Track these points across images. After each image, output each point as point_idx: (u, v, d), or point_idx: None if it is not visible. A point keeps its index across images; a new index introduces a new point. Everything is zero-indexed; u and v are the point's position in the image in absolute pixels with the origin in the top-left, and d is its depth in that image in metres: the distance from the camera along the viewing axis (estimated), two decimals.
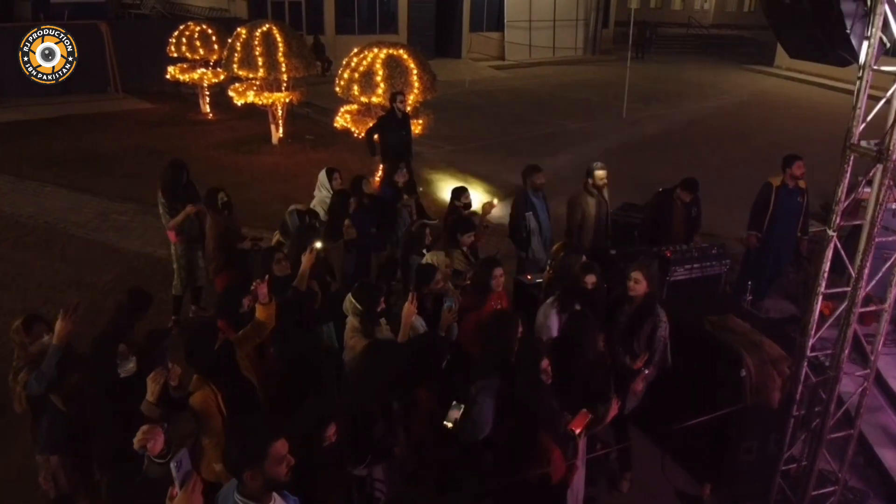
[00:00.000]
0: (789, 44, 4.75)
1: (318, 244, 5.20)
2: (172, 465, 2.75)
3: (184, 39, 16.08)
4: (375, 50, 11.45)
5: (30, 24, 18.60)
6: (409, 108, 10.80)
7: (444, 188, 11.85)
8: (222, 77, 15.64)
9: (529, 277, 6.22)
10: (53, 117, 15.83)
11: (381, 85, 11.10)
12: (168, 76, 16.62)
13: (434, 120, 12.19)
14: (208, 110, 17.06)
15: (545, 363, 3.97)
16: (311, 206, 7.23)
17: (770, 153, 14.35)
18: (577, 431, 3.88)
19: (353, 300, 4.51)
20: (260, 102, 13.98)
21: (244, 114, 15.29)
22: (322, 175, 7.39)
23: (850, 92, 4.16)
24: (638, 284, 4.92)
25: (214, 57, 15.94)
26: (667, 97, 21.71)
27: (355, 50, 11.88)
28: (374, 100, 11.30)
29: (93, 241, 9.69)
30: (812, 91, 22.68)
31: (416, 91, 11.28)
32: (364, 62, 11.37)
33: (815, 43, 4.42)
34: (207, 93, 16.92)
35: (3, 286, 8.35)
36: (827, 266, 4.23)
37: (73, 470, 4.23)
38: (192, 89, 17.37)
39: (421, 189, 10.90)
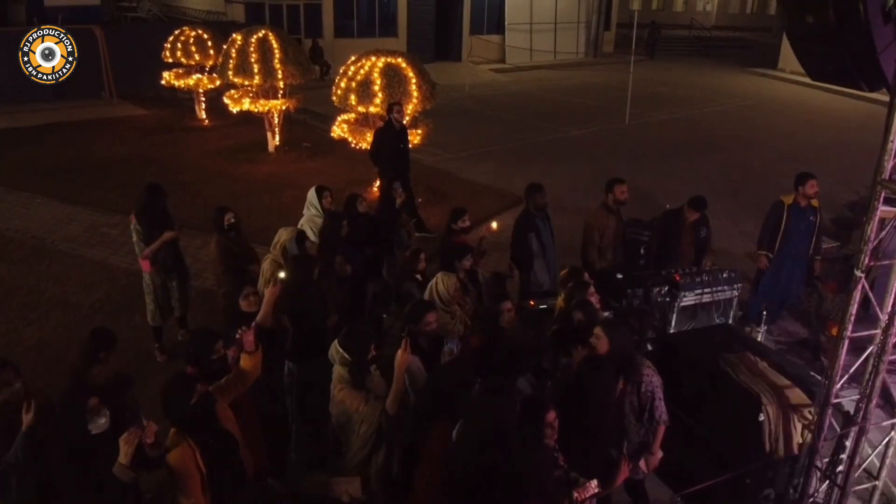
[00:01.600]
0: (811, 64, 4.43)
1: (282, 274, 4.88)
2: None
3: (179, 44, 15.80)
4: (373, 58, 11.14)
5: (24, 29, 18.38)
6: (407, 119, 10.50)
7: (443, 198, 11.58)
8: (218, 83, 15.34)
9: (533, 303, 5.90)
10: (46, 124, 15.55)
11: (379, 94, 10.80)
12: (163, 82, 16.37)
13: (433, 127, 11.90)
14: (204, 116, 16.77)
15: (551, 416, 3.64)
16: (300, 224, 6.95)
17: (778, 162, 14.14)
18: (579, 501, 3.54)
19: (341, 349, 4.17)
20: (256, 110, 13.69)
21: (241, 120, 15.01)
22: (311, 194, 7.06)
23: (857, 96, 3.84)
24: (599, 341, 4.34)
25: (210, 62, 15.65)
26: (670, 101, 21.40)
27: (352, 58, 11.58)
28: (372, 109, 10.99)
29: (81, 257, 9.38)
30: (818, 95, 22.35)
31: (414, 101, 10.97)
32: (361, 71, 11.07)
33: (840, 65, 4.11)
34: (203, 99, 16.65)
35: None
36: (854, 309, 3.92)
37: None
38: (188, 95, 17.09)
39: (420, 200, 10.61)
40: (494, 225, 6.38)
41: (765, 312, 6.60)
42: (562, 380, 4.41)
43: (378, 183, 10.21)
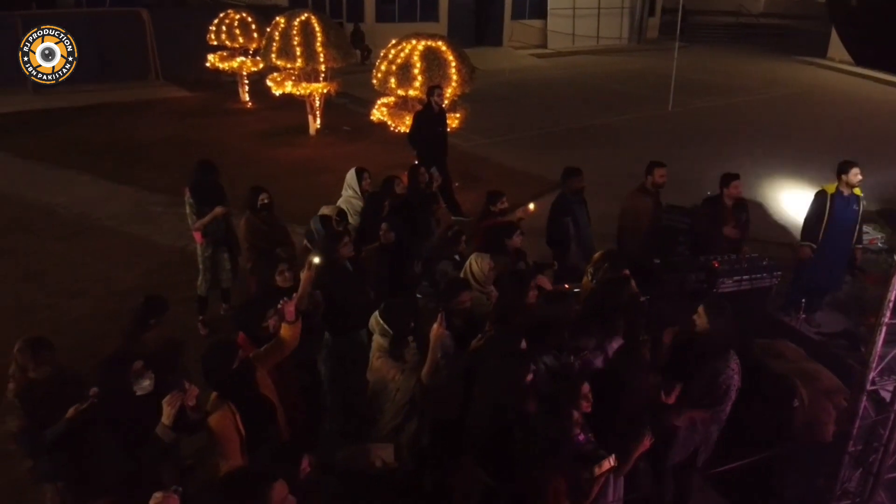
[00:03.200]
0: (855, 50, 4.34)
1: (316, 259, 4.98)
2: None
3: (223, 27, 16.01)
4: (413, 42, 11.18)
5: (72, 12, 18.84)
6: (446, 103, 10.52)
7: (478, 183, 11.59)
8: (261, 66, 15.54)
9: (567, 287, 5.90)
10: (92, 104, 15.92)
11: (419, 78, 10.84)
12: (207, 64, 16.61)
13: (470, 112, 11.90)
14: (247, 99, 16.99)
15: (585, 388, 3.69)
16: (338, 204, 7.05)
17: (822, 151, 13.81)
18: (596, 474, 3.56)
19: (381, 321, 4.29)
20: (298, 93, 13.83)
21: (282, 103, 15.15)
22: (351, 175, 7.15)
23: None
24: (699, 318, 4.48)
25: (254, 45, 15.83)
26: (714, 89, 20.99)
27: (393, 42, 11.63)
28: (412, 93, 11.04)
29: (124, 234, 9.65)
30: (867, 85, 21.61)
31: (453, 84, 10.99)
32: (402, 54, 11.12)
33: (884, 48, 4.01)
34: (246, 81, 16.85)
35: (29, 278, 8.34)
36: (893, 295, 3.86)
37: (79, 492, 4.10)
38: (232, 78, 17.32)
39: (457, 184, 10.63)
40: (532, 206, 6.40)
41: (804, 301, 6.49)
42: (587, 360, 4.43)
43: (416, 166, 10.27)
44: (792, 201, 10.97)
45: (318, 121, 14.55)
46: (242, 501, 2.64)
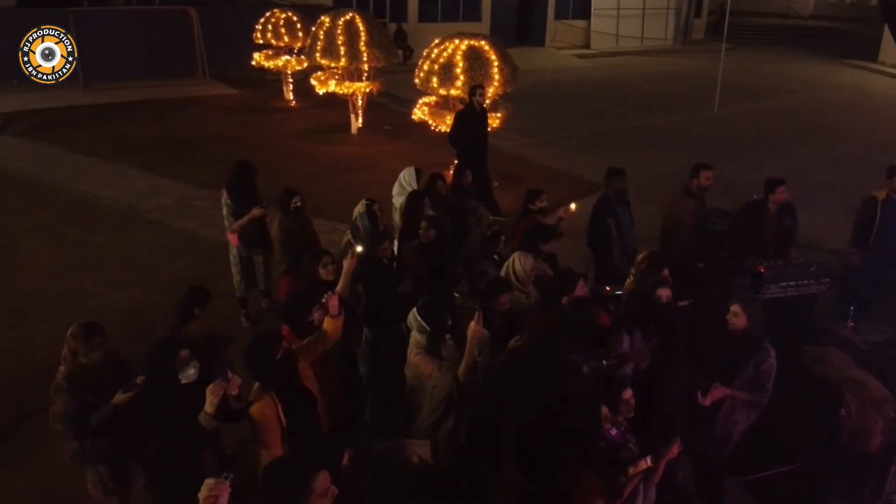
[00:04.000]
0: None
1: (359, 248, 5.02)
2: None
3: (269, 26, 16.24)
4: (456, 41, 11.19)
5: (125, 10, 19.29)
6: (487, 102, 10.50)
7: (518, 183, 11.55)
8: (305, 65, 15.73)
9: (609, 289, 5.83)
10: (140, 100, 16.31)
11: (461, 77, 10.85)
12: (253, 62, 16.87)
13: (512, 112, 11.87)
14: (291, 98, 17.21)
15: (628, 394, 3.66)
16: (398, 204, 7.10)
17: (872, 155, 13.42)
18: (631, 474, 3.53)
19: (419, 317, 4.31)
20: (341, 92, 13.96)
21: (325, 102, 15.31)
22: (409, 174, 7.12)
23: None
24: (737, 318, 4.48)
25: (299, 44, 16.03)
26: (761, 91, 20.61)
27: (436, 41, 11.66)
28: (453, 92, 11.06)
29: (170, 227, 9.84)
30: None
31: (495, 84, 10.97)
32: (444, 54, 11.14)
33: None
34: (291, 80, 17.07)
35: (80, 268, 8.57)
36: None
37: (120, 477, 4.21)
38: (276, 76, 17.57)
39: (496, 184, 10.61)
40: (573, 206, 6.34)
41: (853, 309, 6.32)
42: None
43: (456, 165, 10.28)
44: (841, 207, 10.69)
45: (360, 120, 14.67)
46: (286, 490, 2.67)
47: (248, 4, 20.32)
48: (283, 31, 16.10)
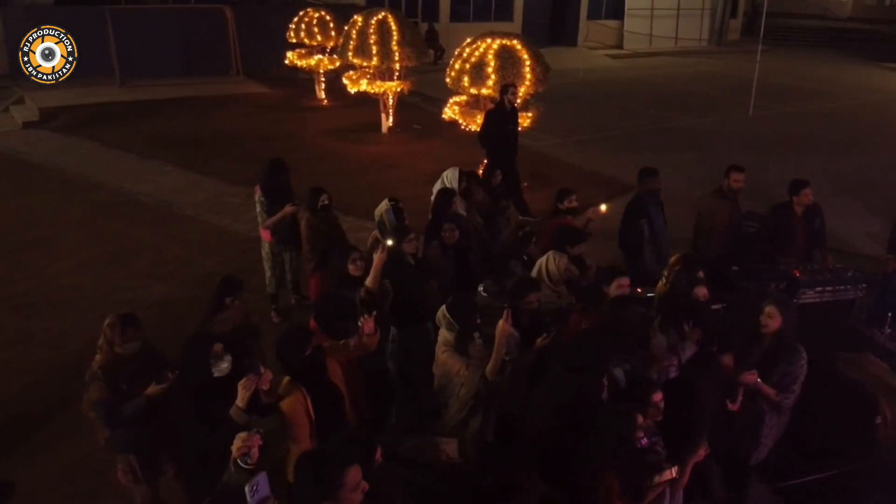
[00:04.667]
0: None
1: (390, 242, 5.04)
2: (247, 488, 2.64)
3: (303, 25, 16.35)
4: (489, 40, 11.18)
5: (161, 8, 19.58)
6: (518, 101, 10.47)
7: (548, 183, 11.52)
8: (337, 64, 15.83)
9: (640, 291, 5.77)
10: (175, 98, 16.51)
11: (492, 76, 10.83)
12: (286, 61, 17.02)
13: (543, 112, 11.82)
14: (323, 97, 17.33)
15: (657, 397, 3.62)
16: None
17: None
18: (656, 482, 3.48)
19: (448, 314, 4.31)
20: (372, 91, 14.03)
21: (357, 101, 15.39)
22: (452, 174, 7.09)
23: None
24: (771, 320, 4.40)
25: (331, 44, 16.12)
26: (797, 94, 20.25)
27: (468, 40, 11.66)
28: (484, 91, 11.04)
29: (205, 222, 9.98)
30: None
31: (527, 83, 10.94)
32: (476, 53, 11.14)
33: None
34: (323, 79, 17.18)
35: (116, 261, 8.73)
36: None
37: (149, 466, 4.28)
38: (309, 75, 17.69)
39: (526, 184, 10.57)
40: (604, 207, 6.28)
41: (890, 316, 6.18)
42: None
43: (485, 165, 10.27)
44: (880, 212, 10.47)
45: (391, 119, 14.72)
46: (317, 481, 2.69)
47: (282, 3, 20.54)
48: (316, 30, 16.22)
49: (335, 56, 15.62)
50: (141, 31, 17.75)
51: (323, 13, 16.38)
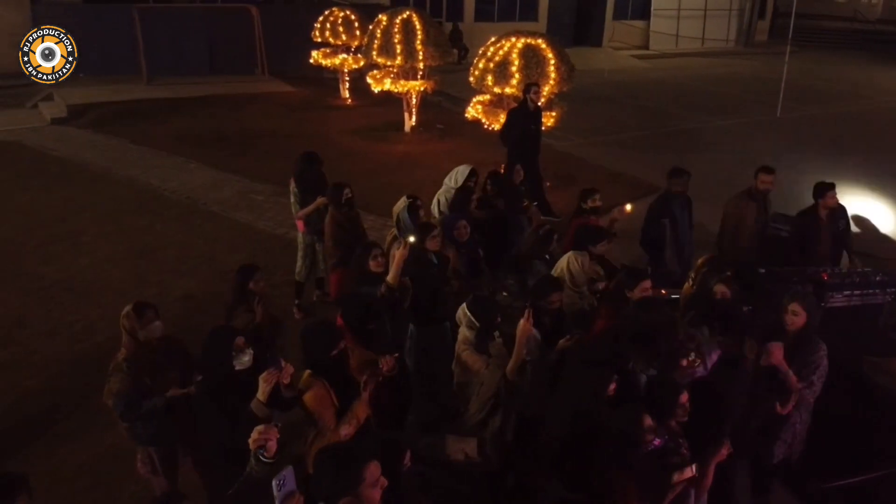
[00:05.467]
0: None
1: (412, 238, 5.03)
2: (274, 482, 2.64)
3: (328, 24, 16.44)
4: (513, 39, 11.15)
5: (188, 7, 19.77)
6: (542, 101, 10.41)
7: (571, 183, 11.45)
8: (361, 63, 15.87)
9: (664, 292, 5.70)
10: (202, 96, 16.64)
11: (516, 75, 10.80)
12: (311, 60, 17.10)
13: (567, 111, 11.75)
14: (347, 96, 17.38)
15: (684, 398, 3.57)
16: (437, 195, 7.11)
17: None
18: (675, 480, 3.42)
19: (469, 313, 4.29)
20: (396, 90, 14.04)
21: (380, 101, 15.44)
22: (462, 170, 7.06)
23: None
24: (797, 317, 4.34)
25: (356, 43, 16.18)
26: (826, 95, 19.95)
27: (492, 39, 11.64)
28: (508, 90, 11.01)
29: (229, 219, 10.05)
30: None
31: (551, 82, 10.88)
32: (500, 52, 11.11)
33: None
34: (347, 78, 17.24)
35: (141, 256, 8.83)
36: None
37: (168, 458, 4.30)
38: (334, 74, 17.77)
39: (548, 184, 10.51)
40: (629, 207, 6.22)
41: None
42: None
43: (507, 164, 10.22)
44: None
45: (414, 118, 14.72)
46: (337, 476, 2.69)
47: (308, 3, 20.62)
48: (340, 29, 16.28)
49: (359, 55, 15.67)
50: (168, 29, 17.93)
51: (348, 12, 16.45)
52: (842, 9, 35.07)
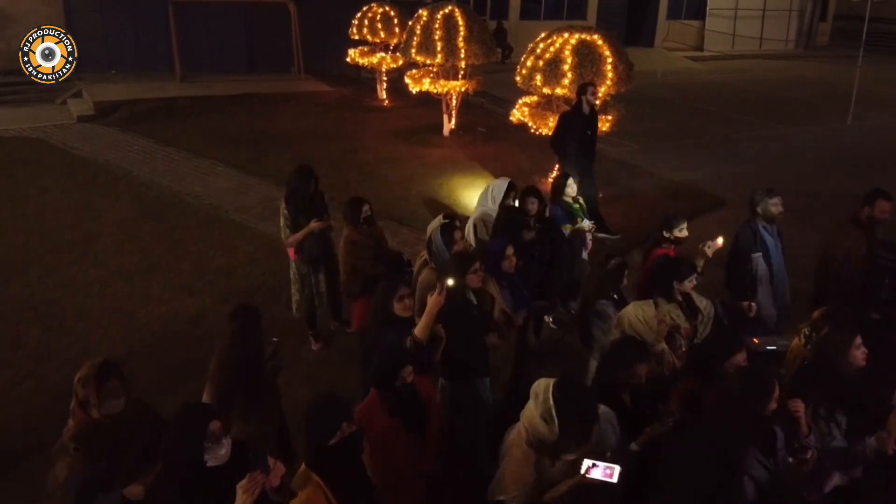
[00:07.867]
0: None
1: (451, 281, 4.06)
2: None
3: (366, 22, 15.67)
4: (566, 35, 10.09)
5: (225, 2, 19.15)
6: (598, 103, 9.36)
7: (628, 194, 10.41)
8: (400, 62, 15.02)
9: (757, 342, 4.61)
10: (237, 95, 15.97)
11: (569, 75, 9.74)
12: (348, 59, 16.36)
13: (623, 114, 10.69)
14: (384, 96, 16.59)
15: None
16: (471, 220, 6.13)
17: None
18: None
19: (552, 401, 3.02)
20: (434, 91, 13.10)
21: (419, 102, 14.59)
22: (498, 186, 6.09)
23: None
24: (858, 350, 3.46)
25: (394, 41, 15.37)
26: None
27: (542, 35, 10.61)
28: (559, 91, 9.95)
29: (252, 229, 9.24)
30: None
31: (608, 83, 9.81)
32: (551, 48, 10.06)
33: None
34: (385, 78, 16.46)
35: (153, 269, 8.06)
36: None
37: None
38: (371, 74, 17.00)
39: (601, 194, 9.47)
40: (720, 241, 5.08)
41: None
42: None
43: (556, 173, 9.21)
44: None
45: (453, 121, 13.76)
46: None
47: None
48: (379, 26, 15.46)
49: (398, 54, 14.81)
50: (203, 25, 17.38)
51: (387, 8, 15.60)
52: None
